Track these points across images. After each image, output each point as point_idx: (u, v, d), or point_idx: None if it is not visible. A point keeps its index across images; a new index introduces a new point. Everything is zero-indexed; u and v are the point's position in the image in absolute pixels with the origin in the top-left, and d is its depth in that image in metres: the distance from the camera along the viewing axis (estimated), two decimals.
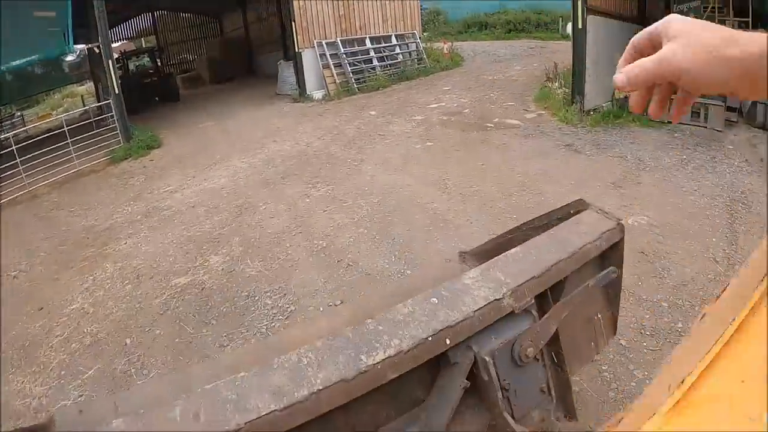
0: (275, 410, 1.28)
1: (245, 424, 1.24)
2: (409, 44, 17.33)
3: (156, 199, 8.69)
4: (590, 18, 9.46)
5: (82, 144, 11.36)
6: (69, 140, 11.12)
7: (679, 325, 3.97)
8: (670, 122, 8.49)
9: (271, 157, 9.79)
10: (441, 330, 1.53)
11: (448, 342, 1.54)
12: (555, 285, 1.88)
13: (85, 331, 5.53)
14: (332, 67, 15.12)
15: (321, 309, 4.96)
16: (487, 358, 1.62)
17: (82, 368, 5.00)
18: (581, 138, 8.76)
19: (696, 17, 1.04)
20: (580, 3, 9.36)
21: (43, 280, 6.88)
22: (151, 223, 7.69)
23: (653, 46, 0.80)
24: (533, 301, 1.76)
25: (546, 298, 1.87)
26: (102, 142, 11.82)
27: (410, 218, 6.59)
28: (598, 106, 9.79)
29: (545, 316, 1.78)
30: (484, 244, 2.51)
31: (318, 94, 14.95)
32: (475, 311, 1.60)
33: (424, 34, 20.44)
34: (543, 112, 10.61)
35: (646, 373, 3.52)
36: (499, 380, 1.66)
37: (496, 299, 1.64)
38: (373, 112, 12.46)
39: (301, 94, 15.03)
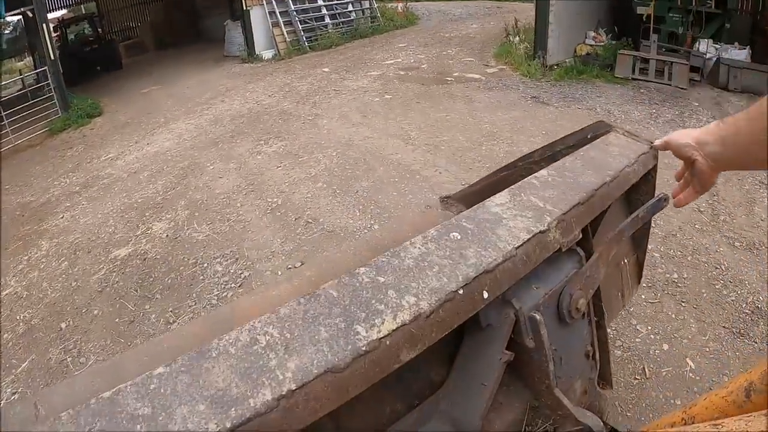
0: None
1: None
2: (362, 2, 16.42)
3: (96, 168, 7.81)
4: None
5: (17, 117, 10.22)
6: (2, 114, 10.01)
7: (674, 275, 3.70)
8: (635, 78, 8.40)
9: (218, 116, 8.96)
10: (475, 277, 0.99)
11: (485, 295, 1.00)
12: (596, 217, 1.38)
13: (18, 318, 4.80)
14: (282, 25, 14.16)
15: (279, 273, 4.34)
16: (536, 316, 1.10)
17: (15, 361, 4.30)
18: (547, 91, 8.36)
19: None
20: None
21: None
22: (90, 194, 6.85)
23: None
24: (581, 235, 1.26)
25: (586, 233, 1.35)
26: (39, 114, 10.65)
27: (373, 171, 6.00)
28: (561, 61, 9.43)
29: (594, 255, 1.29)
30: (472, 185, 1.97)
31: (268, 54, 13.99)
32: (517, 248, 1.06)
33: None
34: (504, 66, 10.17)
35: (649, 327, 3.21)
36: (549, 346, 1.14)
37: (540, 231, 1.12)
38: (326, 69, 11.67)
39: (250, 54, 14.02)
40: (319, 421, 0.82)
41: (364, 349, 0.86)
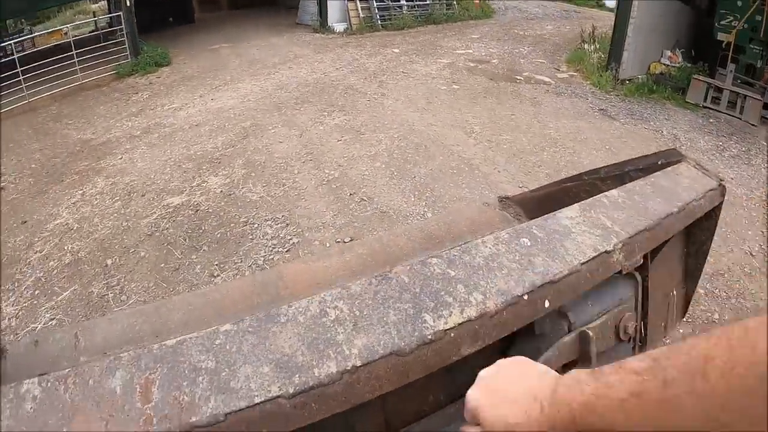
0: (279, 396, 0.76)
1: (226, 416, 0.73)
2: None
3: (158, 115, 8.03)
4: None
5: (87, 57, 10.61)
6: (74, 52, 10.38)
7: (715, 315, 3.66)
8: (706, 106, 8.05)
9: (284, 82, 9.06)
10: (540, 286, 1.01)
11: (547, 304, 1.03)
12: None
13: (66, 248, 4.98)
14: (358, 0, 14.22)
15: (328, 245, 4.36)
16: (588, 333, 1.12)
17: (57, 289, 4.48)
18: (615, 105, 8.12)
19: None
20: None
21: (30, 193, 6.33)
22: (150, 140, 7.05)
23: None
24: (641, 261, 1.29)
25: (646, 259, 1.38)
26: (109, 56, 11.09)
27: (433, 159, 5.96)
28: (634, 77, 9.12)
29: (649, 282, 1.34)
30: (533, 190, 1.98)
31: (339, 27, 14.08)
32: (582, 264, 1.09)
33: None
34: (575, 73, 9.94)
35: None
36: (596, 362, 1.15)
37: (606, 251, 1.14)
38: (396, 50, 11.65)
39: (322, 25, 14.14)
40: (367, 403, 0.85)
41: (429, 337, 0.89)
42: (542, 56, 11.38)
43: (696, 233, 1.69)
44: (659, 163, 1.71)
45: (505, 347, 1.19)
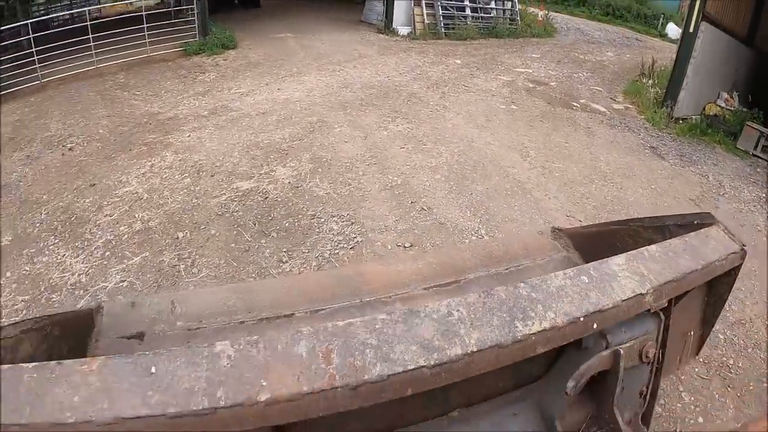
0: (424, 366, 1.13)
1: (388, 376, 1.09)
2: (505, 2, 16.47)
3: (225, 98, 8.35)
4: (703, 24, 8.67)
5: (156, 32, 11.06)
6: (145, 25, 10.81)
7: (731, 361, 3.85)
8: (755, 154, 8.09)
9: (349, 81, 9.32)
10: (592, 312, 1.42)
11: (595, 326, 1.43)
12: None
13: (137, 216, 5.29)
14: (424, 6, 14.48)
15: (389, 248, 4.59)
16: (620, 351, 1.54)
17: (128, 253, 4.78)
18: (666, 144, 8.18)
19: None
20: (697, 6, 8.54)
21: (98, 157, 6.68)
22: (217, 122, 7.36)
23: None
24: (666, 304, 1.68)
25: (671, 303, 1.77)
26: (177, 34, 11.53)
27: (489, 178, 6.15)
28: (688, 116, 9.12)
29: (670, 321, 1.73)
30: (583, 227, 2.43)
31: (403, 30, 14.32)
32: (622, 301, 1.48)
33: None
34: (630, 106, 9.99)
35: (692, 398, 3.47)
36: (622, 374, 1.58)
37: (640, 293, 1.53)
38: (458, 61, 11.84)
39: (387, 26, 14.42)
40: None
41: (519, 337, 1.25)
42: (600, 84, 11.44)
43: (717, 286, 2.00)
44: (695, 222, 2.05)
45: (558, 353, 1.61)
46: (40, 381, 1.00)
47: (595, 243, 2.16)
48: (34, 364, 1.03)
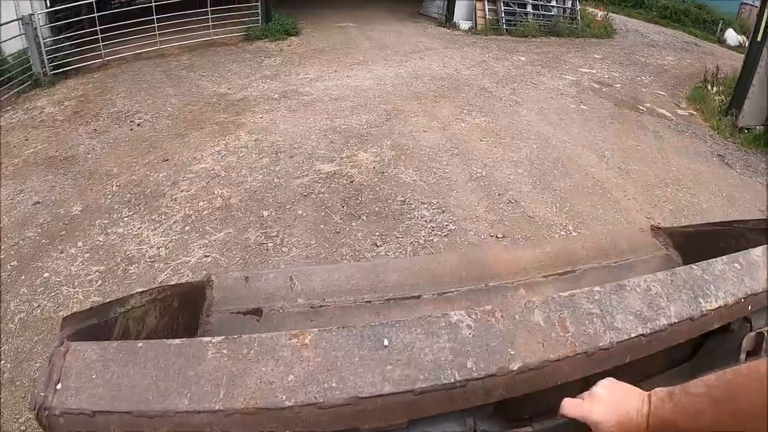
0: (641, 335, 1.20)
1: (616, 344, 1.16)
2: (566, 0, 16.33)
3: (294, 83, 8.44)
4: None
5: (218, 15, 11.24)
6: (209, 8, 10.98)
7: None
8: None
9: (419, 73, 9.32)
10: (749, 295, 1.46)
11: (750, 308, 1.47)
12: None
13: (216, 192, 5.36)
14: (486, 1, 14.43)
15: (482, 237, 4.56)
16: (765, 332, 1.53)
17: (209, 229, 4.83)
18: (732, 153, 8.00)
19: None
20: (765, 15, 8.32)
21: (169, 134, 6.80)
22: (289, 105, 7.44)
23: None
24: None
25: None
26: (239, 18, 11.69)
27: (569, 176, 6.09)
28: (752, 126, 8.88)
29: None
30: (683, 227, 2.43)
31: (464, 25, 14.30)
32: (765, 289, 1.50)
33: None
34: (694, 113, 9.77)
35: None
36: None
37: (756, 292, 1.52)
38: (523, 58, 11.75)
39: (447, 20, 14.41)
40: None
41: (704, 311, 1.32)
42: (663, 88, 11.24)
43: None
44: None
45: (704, 337, 1.57)
46: (234, 358, 0.94)
47: (696, 243, 2.16)
48: (219, 338, 0.98)
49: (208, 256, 4.52)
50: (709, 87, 10.58)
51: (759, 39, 8.59)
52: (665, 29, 20.07)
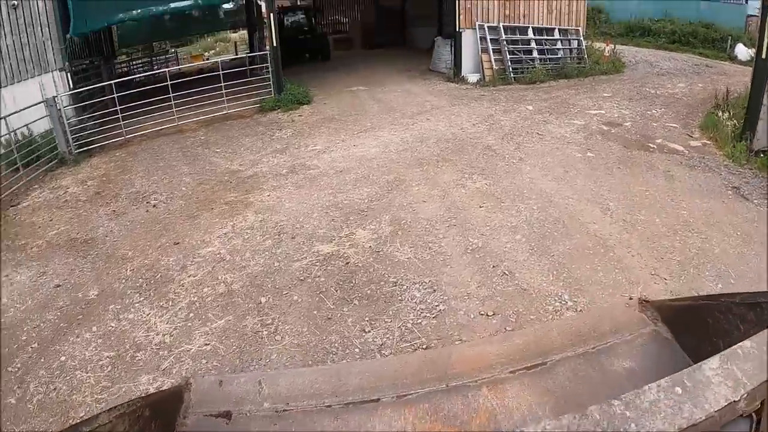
0: None
1: None
2: (571, 41, 16.44)
3: (303, 156, 8.74)
4: None
5: (233, 89, 11.79)
6: (222, 84, 11.51)
7: None
8: None
9: (424, 135, 9.54)
10: (686, 428, 1.40)
11: None
12: None
13: (219, 278, 5.56)
14: (491, 51, 14.70)
15: (471, 316, 4.61)
16: None
17: (211, 316, 5.01)
18: (749, 182, 7.79)
19: None
20: (767, 30, 8.23)
21: (182, 215, 7.10)
22: (296, 180, 7.70)
23: None
24: (759, 405, 1.57)
25: (764, 403, 1.66)
26: (253, 91, 12.25)
27: (570, 237, 6.05)
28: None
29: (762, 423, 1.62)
30: (672, 300, 2.40)
31: (473, 78, 14.59)
32: (715, 411, 1.45)
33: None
34: (708, 141, 9.61)
35: None
36: None
37: (734, 401, 1.47)
38: (530, 107, 11.88)
39: (456, 74, 14.76)
40: None
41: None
42: (675, 119, 11.12)
43: None
44: None
45: None
46: None
47: (684, 316, 2.14)
48: None
49: (207, 344, 4.67)
50: (720, 114, 10.44)
51: (764, 56, 8.50)
52: (675, 54, 20.03)
